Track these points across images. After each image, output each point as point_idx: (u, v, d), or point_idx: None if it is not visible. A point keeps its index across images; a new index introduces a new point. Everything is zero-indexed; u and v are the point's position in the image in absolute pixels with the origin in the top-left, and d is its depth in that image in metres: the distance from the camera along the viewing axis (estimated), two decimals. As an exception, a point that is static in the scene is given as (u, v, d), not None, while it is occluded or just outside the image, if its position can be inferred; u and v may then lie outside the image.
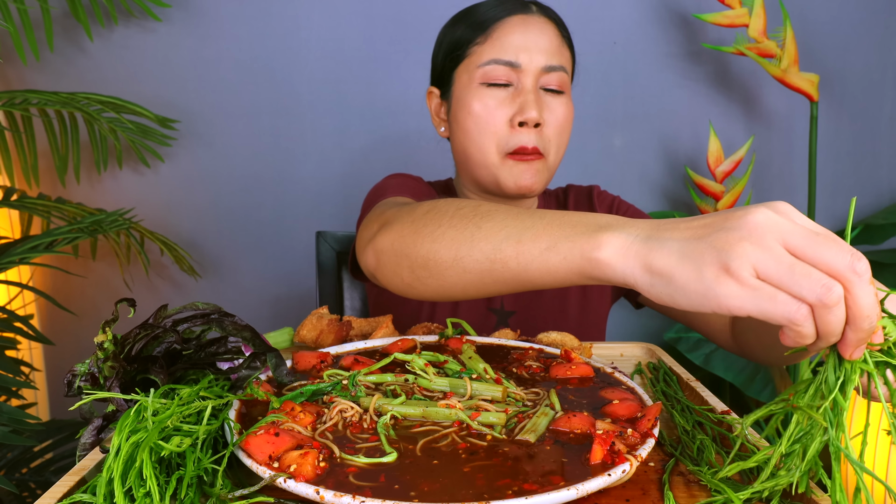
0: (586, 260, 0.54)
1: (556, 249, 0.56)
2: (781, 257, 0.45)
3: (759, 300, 0.45)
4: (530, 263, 0.58)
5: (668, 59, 1.88)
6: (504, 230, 0.61)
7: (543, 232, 0.58)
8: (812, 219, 1.75)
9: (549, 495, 0.48)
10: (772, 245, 0.45)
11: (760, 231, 0.46)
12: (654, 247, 0.50)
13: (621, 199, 1.21)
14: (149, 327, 0.64)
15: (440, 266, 0.66)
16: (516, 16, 1.02)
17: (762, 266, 0.45)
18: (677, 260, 0.48)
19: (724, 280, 0.46)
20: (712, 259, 0.46)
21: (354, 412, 0.60)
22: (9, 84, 1.77)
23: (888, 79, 1.93)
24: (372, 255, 0.75)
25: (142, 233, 1.68)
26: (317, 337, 0.87)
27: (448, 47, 1.08)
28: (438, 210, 0.69)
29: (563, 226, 0.57)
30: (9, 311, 1.40)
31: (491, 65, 1.01)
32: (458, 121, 1.06)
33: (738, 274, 0.45)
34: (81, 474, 0.56)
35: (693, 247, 0.48)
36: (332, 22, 1.80)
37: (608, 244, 0.53)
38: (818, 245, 0.45)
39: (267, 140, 1.84)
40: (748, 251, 0.45)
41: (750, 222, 0.46)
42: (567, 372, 0.73)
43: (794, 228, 0.46)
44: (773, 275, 0.45)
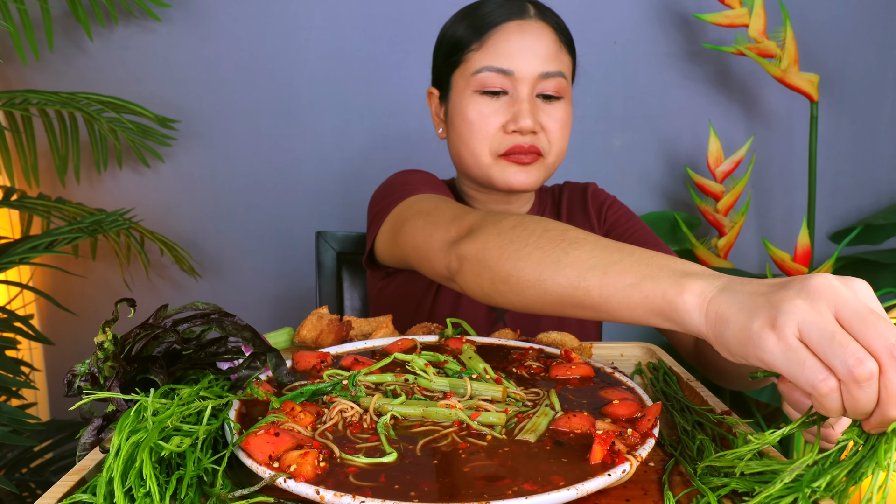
0: (667, 303, 0.55)
1: (639, 287, 0.57)
2: (827, 323, 0.45)
3: (790, 361, 0.45)
4: (612, 296, 0.60)
5: (668, 59, 1.88)
6: (591, 260, 0.62)
7: (630, 268, 0.59)
8: (812, 219, 1.76)
9: (549, 495, 0.48)
10: (821, 309, 0.45)
11: (817, 294, 0.46)
12: (726, 296, 0.51)
13: (616, 199, 1.21)
14: (149, 327, 0.64)
15: (522, 284, 0.67)
16: (512, 21, 1.01)
17: (805, 327, 0.45)
18: (738, 309, 0.50)
19: (767, 333, 0.46)
20: (765, 312, 0.47)
21: (354, 412, 0.60)
22: (9, 84, 1.77)
23: (888, 79, 1.93)
24: (455, 261, 0.76)
25: (142, 233, 1.68)
26: (317, 337, 0.87)
27: (446, 50, 1.08)
28: (525, 227, 0.70)
29: (650, 266, 0.59)
30: (9, 311, 1.40)
31: (485, 72, 1.01)
32: (454, 125, 1.06)
33: (781, 330, 0.46)
34: (81, 474, 0.56)
35: (754, 300, 0.49)
36: (332, 22, 1.80)
37: (690, 291, 0.54)
38: (866, 321, 0.44)
39: (267, 140, 1.84)
40: (797, 310, 0.46)
41: (810, 284, 0.47)
42: (567, 372, 0.73)
43: (850, 300, 0.46)
44: (812, 338, 0.45)
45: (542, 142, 1.03)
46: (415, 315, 1.13)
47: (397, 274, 1.13)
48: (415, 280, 1.12)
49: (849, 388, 0.44)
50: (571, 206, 1.20)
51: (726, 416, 0.67)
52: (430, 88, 1.13)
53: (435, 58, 1.12)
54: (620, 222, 1.18)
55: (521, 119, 0.99)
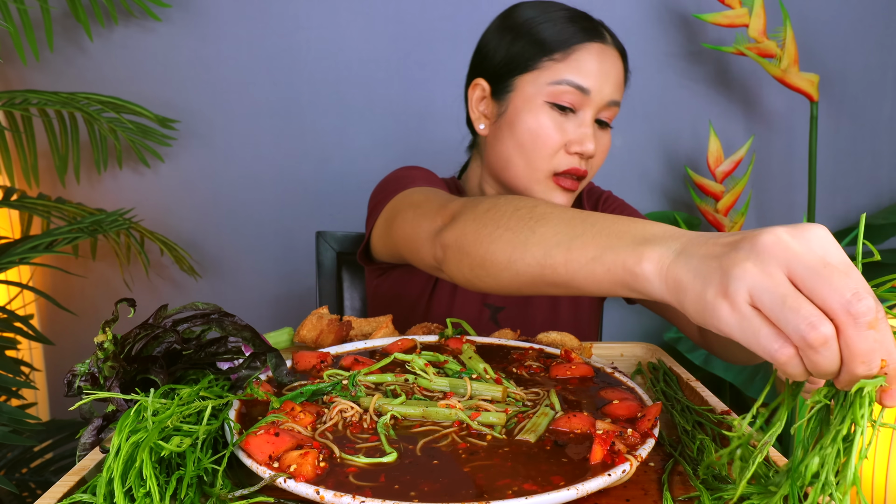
0: (628, 272, 0.54)
1: (601, 260, 0.56)
2: (777, 286, 0.42)
3: (745, 331, 0.43)
4: (577, 272, 0.59)
5: (668, 59, 1.88)
6: (556, 236, 0.62)
7: (591, 241, 0.58)
8: (812, 219, 1.76)
9: (549, 495, 0.48)
10: (772, 271, 0.43)
11: (767, 254, 0.43)
12: (681, 261, 0.49)
13: (612, 193, 1.22)
14: (149, 327, 0.64)
15: (496, 267, 0.67)
16: (596, 43, 1.01)
17: (756, 293, 0.43)
18: (693, 276, 0.48)
19: (720, 302, 0.44)
20: (717, 279, 0.45)
21: (354, 412, 0.60)
22: (9, 84, 1.77)
23: (888, 79, 1.93)
24: (440, 249, 0.77)
25: (142, 233, 1.68)
26: (317, 337, 0.87)
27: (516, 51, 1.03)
28: (498, 209, 0.70)
29: (610, 235, 0.57)
30: (9, 311, 1.40)
31: (564, 85, 0.99)
32: (513, 130, 1.03)
33: (733, 298, 0.44)
34: (81, 474, 0.56)
35: (707, 264, 0.47)
36: (332, 22, 1.80)
37: (648, 259, 0.52)
38: (819, 277, 0.41)
39: (267, 140, 1.84)
40: (748, 274, 0.43)
41: (759, 243, 0.44)
42: (567, 372, 0.73)
43: (801, 255, 0.42)
44: (764, 304, 0.42)
45: (589, 166, 1.04)
46: (411, 313, 1.13)
47: (392, 271, 1.13)
48: (409, 278, 1.12)
49: (806, 353, 0.42)
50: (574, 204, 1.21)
51: (726, 416, 0.67)
52: (478, 80, 1.08)
53: (491, 52, 1.07)
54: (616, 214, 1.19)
55: (587, 143, 1.00)
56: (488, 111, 1.08)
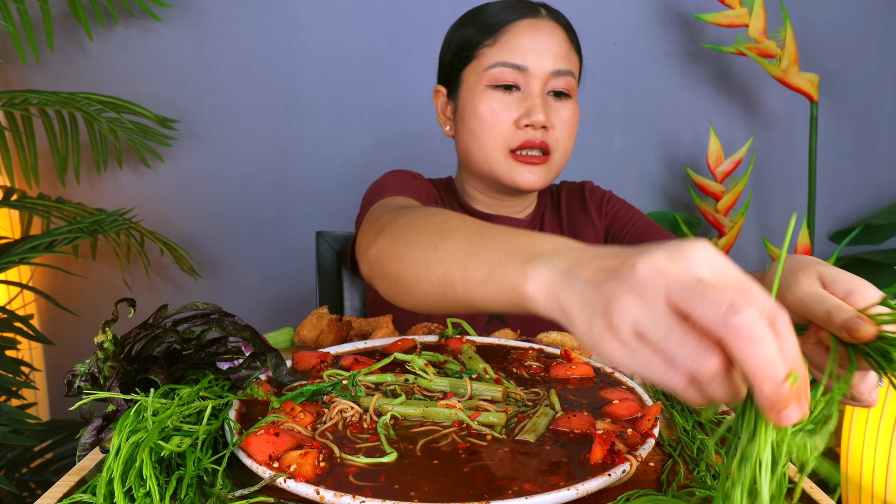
0: (514, 293, 0.51)
1: (491, 280, 0.54)
2: (660, 318, 0.40)
3: (637, 364, 0.41)
4: (473, 292, 0.56)
5: (668, 59, 1.88)
6: (455, 254, 0.59)
7: (485, 259, 0.55)
8: (812, 219, 1.76)
9: (549, 495, 0.48)
10: (653, 301, 0.40)
11: (643, 284, 0.41)
12: (566, 286, 0.46)
13: (612, 193, 1.22)
14: (149, 327, 0.64)
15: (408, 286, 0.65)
16: (526, 19, 1.03)
17: (640, 327, 0.40)
18: (578, 306, 0.45)
19: (608, 337, 0.42)
20: (601, 311, 0.42)
21: (354, 412, 0.61)
22: (9, 84, 1.77)
23: (888, 79, 1.93)
24: (366, 266, 0.76)
25: (142, 233, 1.68)
26: (317, 337, 0.87)
27: (456, 47, 1.08)
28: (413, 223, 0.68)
29: (501, 252, 0.54)
30: (9, 311, 1.40)
31: (498, 67, 1.01)
32: (465, 121, 1.06)
33: (619, 332, 0.41)
34: (81, 474, 0.56)
35: (590, 293, 0.44)
36: (332, 22, 1.80)
37: (532, 279, 0.49)
38: (693, 297, 0.39)
39: (267, 140, 1.84)
40: (629, 307, 0.41)
41: (636, 272, 0.41)
42: (567, 372, 0.73)
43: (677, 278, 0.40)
44: (650, 336, 0.40)
45: (551, 138, 1.04)
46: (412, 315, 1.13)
47: None
48: None
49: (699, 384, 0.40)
50: (571, 205, 1.21)
51: (726, 416, 0.67)
52: (437, 86, 1.13)
53: (442, 56, 1.13)
54: (620, 215, 1.19)
55: (533, 114, 1.00)
56: (450, 112, 1.12)
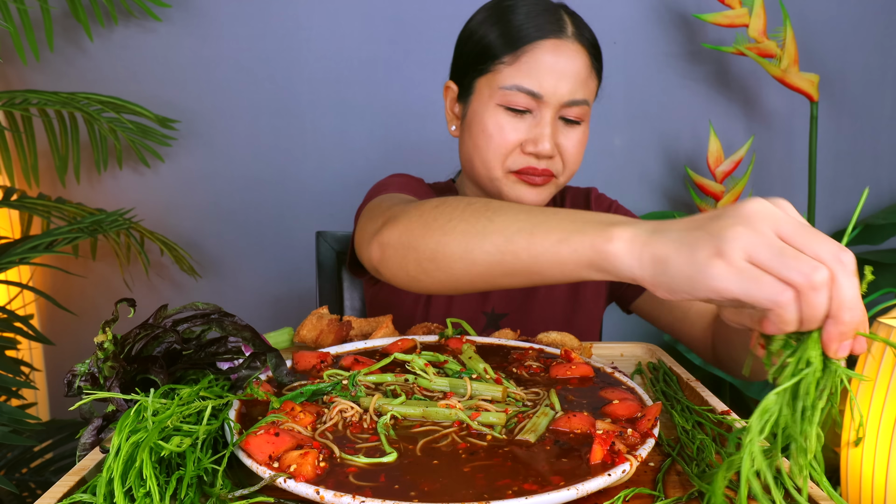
0: (596, 252, 0.55)
1: (567, 242, 0.58)
2: (773, 242, 0.46)
3: (746, 282, 0.46)
4: (541, 255, 0.60)
5: (668, 59, 1.88)
6: (516, 223, 0.63)
7: (556, 226, 0.59)
8: (812, 219, 1.76)
9: (549, 495, 0.48)
10: (764, 231, 0.47)
11: (755, 218, 0.47)
12: (658, 238, 0.52)
13: (618, 203, 1.21)
14: (149, 327, 0.64)
15: (449, 258, 0.67)
16: (549, 40, 0.97)
17: (753, 249, 0.46)
18: (676, 247, 0.50)
19: (715, 262, 0.47)
20: (707, 244, 0.48)
21: (354, 412, 0.61)
22: (9, 84, 1.77)
23: (888, 79, 1.93)
24: (377, 249, 0.76)
25: (142, 233, 1.68)
26: (317, 337, 0.87)
27: (473, 53, 1.02)
28: (448, 205, 0.70)
29: (575, 221, 0.59)
30: (9, 311, 1.40)
31: (513, 90, 0.97)
32: (471, 132, 1.03)
33: (729, 256, 0.47)
34: (81, 474, 0.56)
35: (691, 234, 0.50)
36: (332, 22, 1.80)
37: (618, 237, 0.54)
38: (809, 235, 0.46)
39: (267, 140, 1.84)
40: (741, 235, 0.47)
41: (746, 210, 0.48)
42: (567, 372, 0.73)
43: (787, 218, 0.47)
44: (763, 258, 0.46)
45: (556, 165, 1.01)
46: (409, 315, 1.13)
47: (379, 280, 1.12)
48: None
49: (807, 296, 0.45)
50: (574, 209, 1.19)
51: (726, 416, 0.67)
52: (448, 82, 1.08)
53: (458, 54, 1.07)
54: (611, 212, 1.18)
55: (540, 143, 0.97)
56: (458, 112, 1.08)
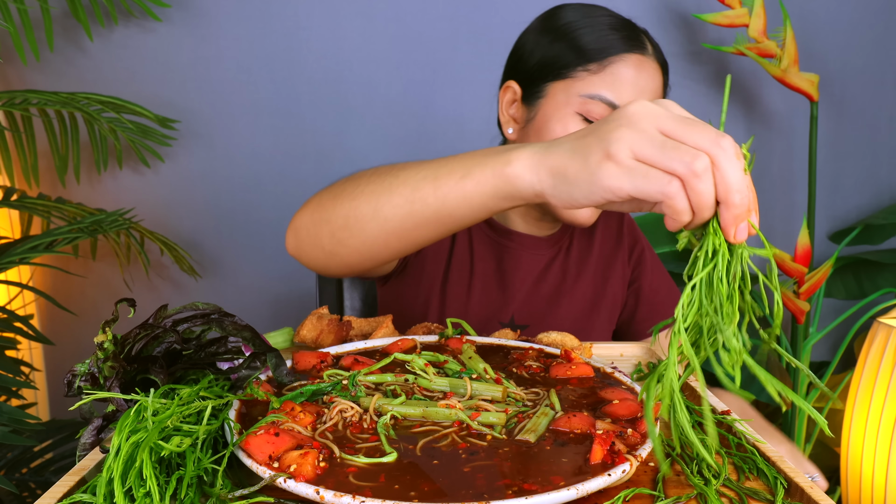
0: (498, 178, 0.58)
1: (470, 176, 0.61)
2: (654, 138, 0.49)
3: (635, 178, 0.50)
4: (447, 195, 0.62)
5: (669, 58, 1.87)
6: (421, 172, 0.65)
7: (458, 165, 0.62)
8: (812, 219, 1.76)
9: (549, 495, 0.48)
10: (646, 128, 0.50)
11: (637, 118, 0.50)
12: (553, 151, 0.55)
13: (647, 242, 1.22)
14: (149, 327, 0.64)
15: (361, 221, 0.69)
16: (634, 55, 0.96)
17: (637, 147, 0.49)
18: (569, 156, 0.54)
19: (606, 164, 0.50)
20: (596, 148, 0.51)
21: (354, 412, 0.60)
22: (9, 84, 1.77)
23: (888, 79, 1.93)
24: (292, 235, 0.77)
25: (142, 233, 1.68)
26: (317, 337, 0.87)
27: (553, 55, 0.99)
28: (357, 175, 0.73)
29: (474, 157, 0.62)
30: (9, 311, 1.40)
31: (596, 100, 0.95)
32: (539, 137, 0.99)
33: (616, 157, 0.50)
34: (81, 474, 0.56)
35: (581, 142, 0.53)
36: (332, 22, 1.80)
37: (517, 159, 0.57)
38: (687, 126, 0.49)
39: (267, 140, 1.84)
40: (625, 135, 0.50)
41: (628, 111, 0.51)
42: (567, 372, 0.73)
43: (667, 114, 0.50)
44: (647, 154, 0.49)
45: None
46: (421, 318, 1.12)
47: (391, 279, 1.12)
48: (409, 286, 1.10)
49: (691, 184, 0.48)
50: (606, 231, 1.17)
51: (726, 416, 0.67)
52: (511, 82, 1.04)
53: (523, 58, 1.03)
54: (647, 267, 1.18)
55: None
56: (518, 115, 1.04)
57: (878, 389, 1.32)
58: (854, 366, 1.47)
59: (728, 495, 0.54)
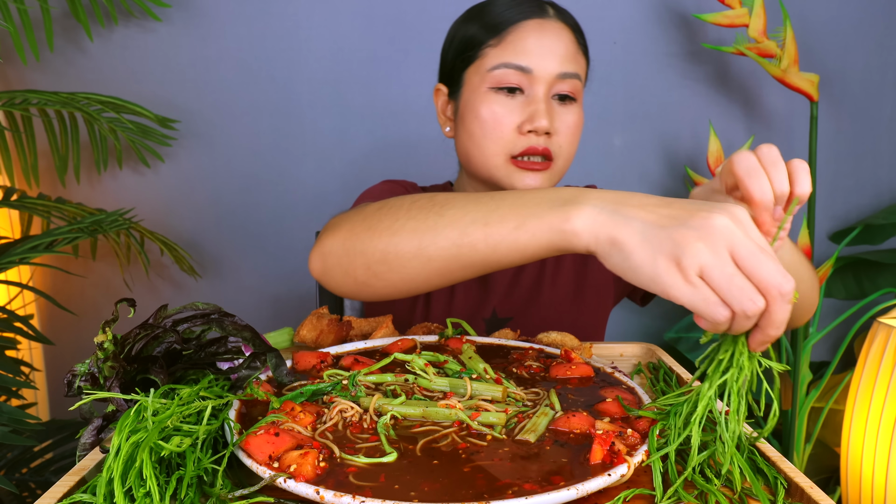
0: (555, 233, 0.58)
1: (525, 228, 0.59)
2: (725, 266, 0.51)
3: (694, 297, 0.51)
4: (499, 244, 0.61)
5: (668, 59, 1.88)
6: (469, 215, 0.63)
7: (510, 212, 0.61)
8: (812, 219, 1.76)
9: (549, 495, 0.48)
10: (720, 251, 0.51)
11: (715, 236, 0.51)
12: (620, 222, 0.55)
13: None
14: (149, 327, 0.64)
15: (402, 258, 0.66)
16: (533, 20, 0.98)
17: (707, 269, 0.51)
18: (639, 241, 0.53)
19: (673, 272, 0.52)
20: (669, 251, 0.52)
21: (354, 412, 0.61)
22: (9, 84, 1.77)
23: (888, 79, 1.93)
24: (318, 259, 0.75)
25: (142, 233, 1.68)
26: (317, 337, 0.87)
27: (459, 46, 1.04)
28: (392, 206, 0.69)
29: (527, 205, 0.60)
30: (9, 311, 1.40)
31: (502, 69, 0.97)
32: (465, 124, 1.02)
33: (686, 270, 0.51)
34: (81, 474, 0.56)
35: (655, 234, 0.53)
36: (332, 22, 1.80)
37: (578, 217, 0.57)
38: (759, 262, 0.50)
39: (267, 140, 1.84)
40: (699, 252, 0.51)
41: (709, 225, 0.51)
42: (567, 372, 0.73)
43: (745, 241, 0.51)
44: (714, 279, 0.51)
45: (554, 145, 1.00)
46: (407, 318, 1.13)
47: None
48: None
49: (739, 320, 0.52)
50: None
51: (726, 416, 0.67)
52: (438, 85, 1.09)
53: (444, 54, 1.09)
54: None
55: (537, 119, 0.96)
56: (450, 112, 1.08)
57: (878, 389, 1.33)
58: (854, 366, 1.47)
59: (728, 495, 0.54)
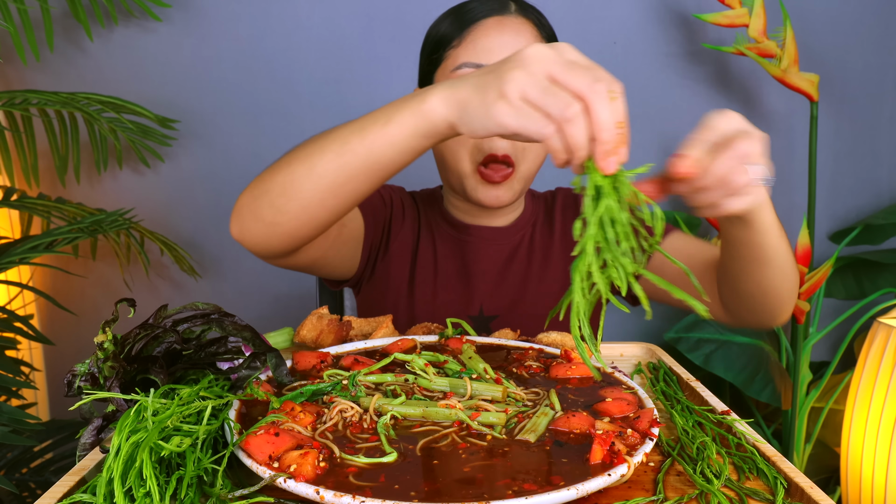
0: (416, 115, 0.64)
1: (392, 121, 0.66)
2: (540, 83, 0.55)
3: (520, 118, 0.56)
4: (374, 142, 0.67)
5: (668, 59, 1.88)
6: (347, 128, 0.69)
7: (381, 114, 0.67)
8: (812, 219, 1.77)
9: (549, 495, 0.48)
10: (536, 72, 0.56)
11: (530, 61, 0.56)
12: (459, 85, 0.62)
13: None
14: (149, 327, 0.64)
15: (296, 182, 0.72)
16: (492, 17, 0.98)
17: (526, 89, 0.56)
18: (472, 90, 0.60)
19: (499, 102, 0.57)
20: (494, 86, 0.58)
21: (354, 412, 0.61)
22: (9, 84, 1.77)
23: (888, 79, 1.93)
24: (234, 218, 0.79)
25: (142, 233, 1.68)
26: (317, 337, 0.87)
27: (428, 48, 1.04)
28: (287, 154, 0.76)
29: (393, 106, 0.67)
30: (9, 311, 1.40)
31: (462, 69, 0.97)
32: None
33: (508, 96, 0.56)
34: (81, 474, 0.56)
35: (483, 79, 0.60)
36: (332, 22, 1.80)
37: (431, 96, 0.63)
38: (569, 72, 0.55)
39: (267, 140, 1.84)
40: (517, 77, 0.56)
41: (524, 55, 0.57)
42: (567, 372, 0.73)
43: (556, 58, 0.56)
44: (532, 97, 0.55)
45: (516, 148, 0.99)
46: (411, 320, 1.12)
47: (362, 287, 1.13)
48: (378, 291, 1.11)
49: (563, 128, 0.54)
50: (566, 213, 1.16)
51: (726, 416, 0.67)
52: (416, 89, 1.07)
53: (420, 57, 1.09)
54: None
55: None
56: None
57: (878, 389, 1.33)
58: (854, 366, 1.47)
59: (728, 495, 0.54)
